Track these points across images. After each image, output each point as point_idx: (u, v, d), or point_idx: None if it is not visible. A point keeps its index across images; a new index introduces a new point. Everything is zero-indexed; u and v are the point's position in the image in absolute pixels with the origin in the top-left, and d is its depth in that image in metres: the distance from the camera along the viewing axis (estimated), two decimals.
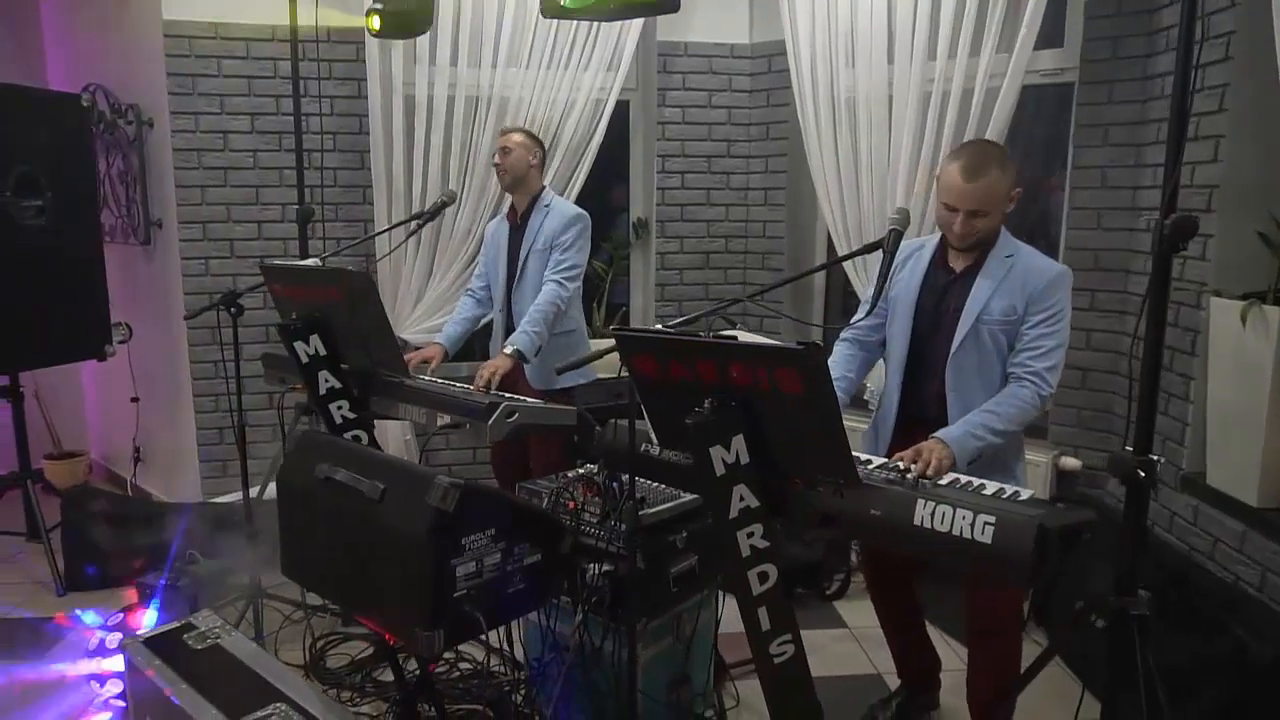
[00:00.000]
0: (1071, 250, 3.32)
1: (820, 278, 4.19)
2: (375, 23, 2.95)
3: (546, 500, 2.34)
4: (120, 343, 3.85)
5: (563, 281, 3.01)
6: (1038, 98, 3.48)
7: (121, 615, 2.74)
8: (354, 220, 3.83)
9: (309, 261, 3.11)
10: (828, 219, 3.73)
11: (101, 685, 2.57)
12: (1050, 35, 3.31)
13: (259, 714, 1.86)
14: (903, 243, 2.03)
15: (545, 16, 2.90)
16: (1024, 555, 1.50)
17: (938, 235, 2.34)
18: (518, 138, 3.10)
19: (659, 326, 1.89)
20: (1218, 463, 2.70)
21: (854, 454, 1.75)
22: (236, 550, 3.26)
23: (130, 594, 3.14)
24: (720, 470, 1.72)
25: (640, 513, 2.23)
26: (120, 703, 2.55)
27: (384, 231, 3.49)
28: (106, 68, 3.99)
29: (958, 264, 2.27)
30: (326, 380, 2.61)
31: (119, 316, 3.88)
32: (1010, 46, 3.15)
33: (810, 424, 1.64)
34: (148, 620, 2.68)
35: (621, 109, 4.08)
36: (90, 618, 2.73)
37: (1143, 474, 1.67)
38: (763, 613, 1.91)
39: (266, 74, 3.66)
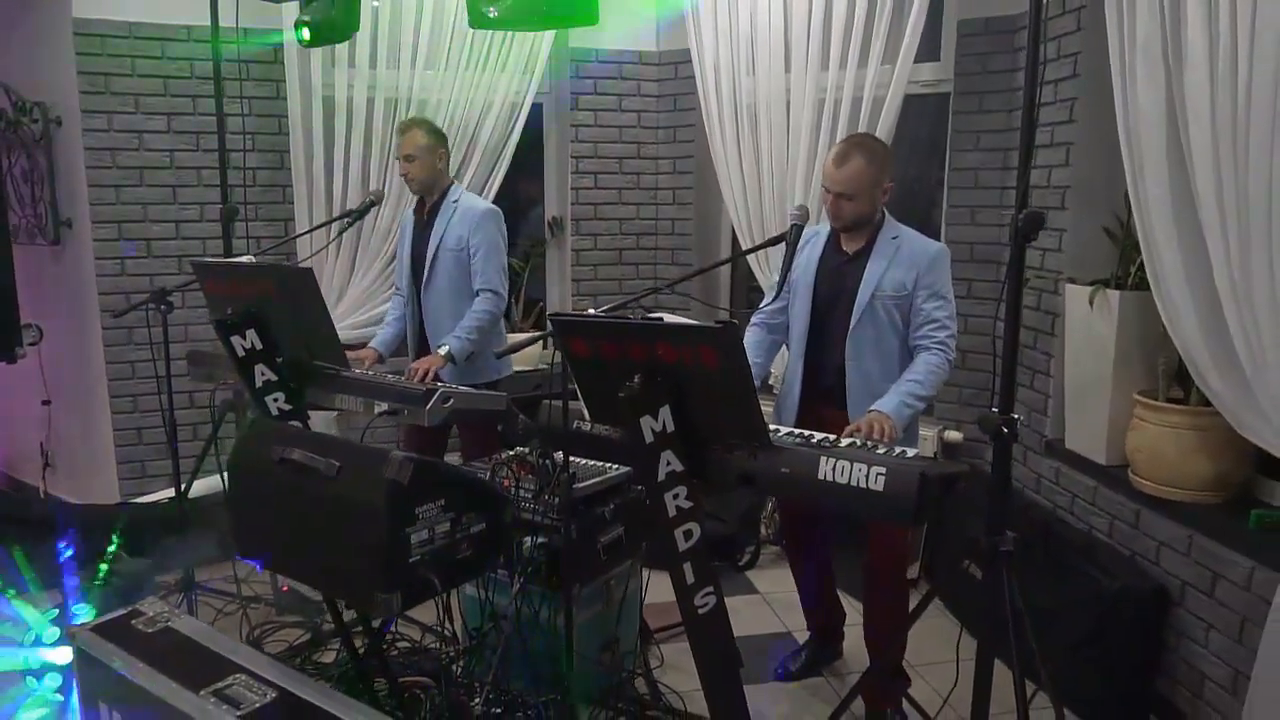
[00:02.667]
0: (950, 243, 3.65)
1: (726, 270, 4.47)
2: (305, 34, 3.00)
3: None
4: (30, 344, 3.78)
5: (496, 290, 3.07)
6: (919, 106, 3.82)
7: (56, 612, 2.76)
8: (274, 219, 3.88)
9: (244, 258, 3.17)
10: (732, 216, 4.00)
11: (40, 680, 2.58)
12: (929, 50, 3.66)
13: (220, 685, 1.96)
14: None
15: (473, 27, 3.04)
16: (910, 498, 1.77)
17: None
18: (421, 139, 3.05)
19: (591, 312, 2.09)
20: (1074, 429, 3.08)
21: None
22: (166, 547, 3.29)
23: (56, 595, 3.14)
24: (649, 438, 1.93)
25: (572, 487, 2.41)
26: (59, 697, 2.57)
27: (312, 231, 3.56)
28: (9, 65, 3.90)
29: (850, 247, 2.54)
30: (263, 373, 2.69)
31: (26, 318, 3.81)
32: (894, 59, 3.48)
33: (727, 394, 1.87)
34: (86, 615, 2.71)
35: (536, 111, 4.25)
36: (28, 612, 2.74)
37: (1005, 430, 1.97)
38: (688, 567, 2.13)
39: (183, 74, 3.68)
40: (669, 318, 1.93)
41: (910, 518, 1.78)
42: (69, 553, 3.38)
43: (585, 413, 2.18)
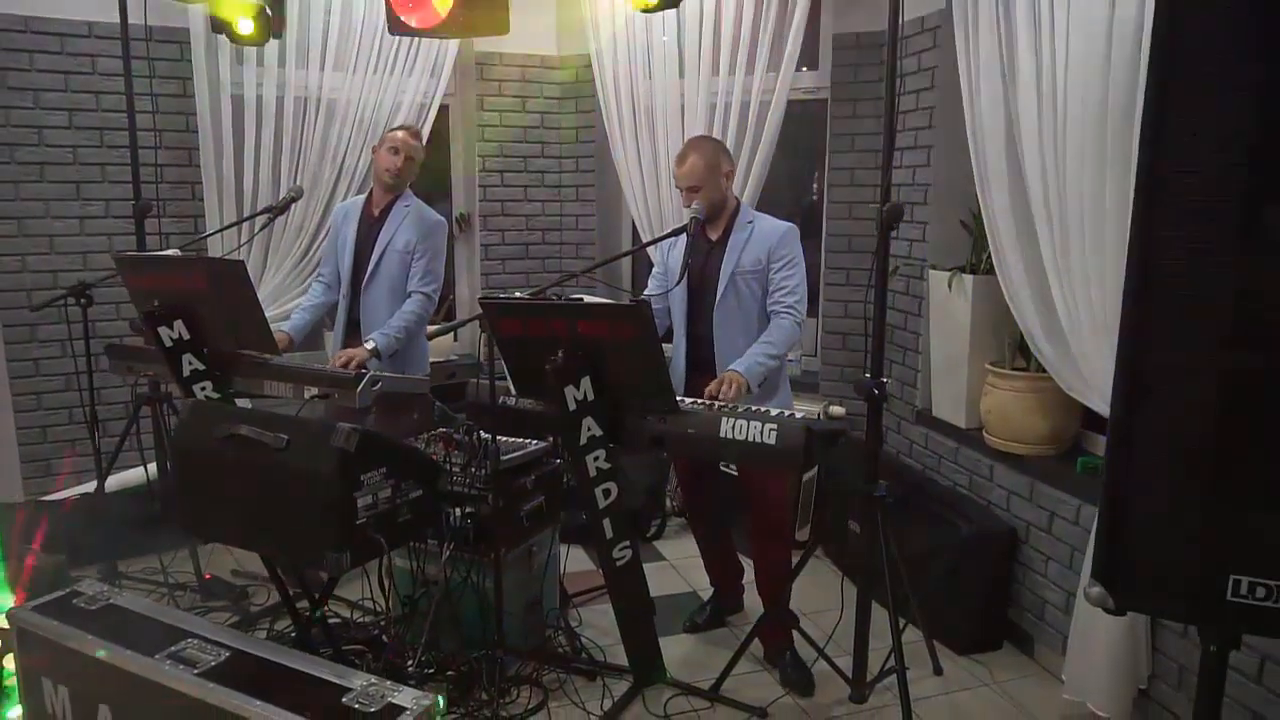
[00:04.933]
0: (831, 236, 4.06)
1: (627, 260, 4.76)
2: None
3: None
4: None
5: (429, 295, 3.24)
6: (801, 111, 4.19)
7: None
8: (183, 216, 3.91)
9: (171, 252, 3.23)
10: (633, 212, 4.27)
11: None
12: (809, 60, 4.03)
13: (173, 648, 2.08)
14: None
15: (392, 33, 3.20)
16: (797, 449, 2.08)
17: None
18: (420, 149, 3.26)
19: (518, 294, 2.32)
20: (939, 398, 3.49)
21: None
22: (86, 541, 3.31)
23: None
24: (572, 406, 2.18)
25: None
26: None
27: (226, 228, 3.63)
28: None
29: (713, 234, 2.86)
30: (190, 363, 2.80)
31: None
32: (778, 68, 3.82)
33: (642, 364, 2.13)
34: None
35: (444, 112, 4.41)
36: None
37: (877, 391, 2.31)
38: (607, 523, 2.40)
39: (84, 70, 3.67)
40: (588, 298, 2.18)
41: (799, 465, 2.09)
42: None
43: (511, 387, 2.40)
